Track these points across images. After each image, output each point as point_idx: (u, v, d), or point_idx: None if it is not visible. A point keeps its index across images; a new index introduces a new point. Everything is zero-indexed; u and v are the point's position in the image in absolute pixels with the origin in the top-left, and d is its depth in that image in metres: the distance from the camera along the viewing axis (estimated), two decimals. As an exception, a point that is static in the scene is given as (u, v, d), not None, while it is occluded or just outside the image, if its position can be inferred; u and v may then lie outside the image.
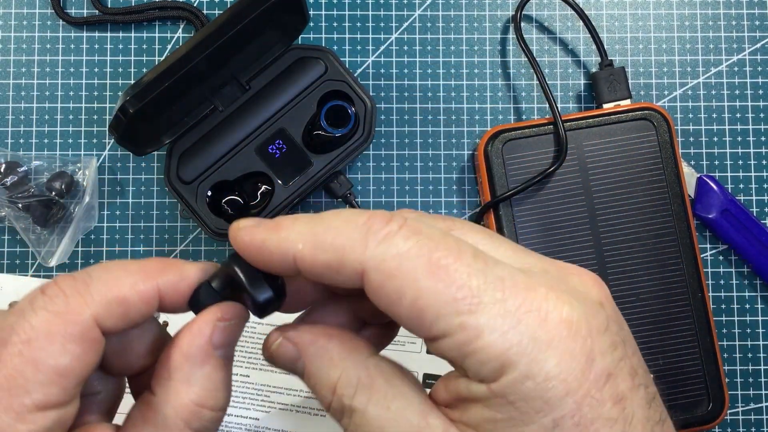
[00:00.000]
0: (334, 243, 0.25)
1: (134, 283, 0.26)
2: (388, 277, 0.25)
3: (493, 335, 0.24)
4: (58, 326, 0.25)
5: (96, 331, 0.26)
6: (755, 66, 0.49)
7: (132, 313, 0.27)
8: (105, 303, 0.26)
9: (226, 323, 0.27)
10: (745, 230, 0.47)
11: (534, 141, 0.46)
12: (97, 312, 0.26)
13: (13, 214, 0.45)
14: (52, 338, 0.25)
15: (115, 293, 0.26)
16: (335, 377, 0.27)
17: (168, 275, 0.27)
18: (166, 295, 0.27)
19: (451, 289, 0.24)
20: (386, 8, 0.49)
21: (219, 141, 0.44)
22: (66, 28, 0.48)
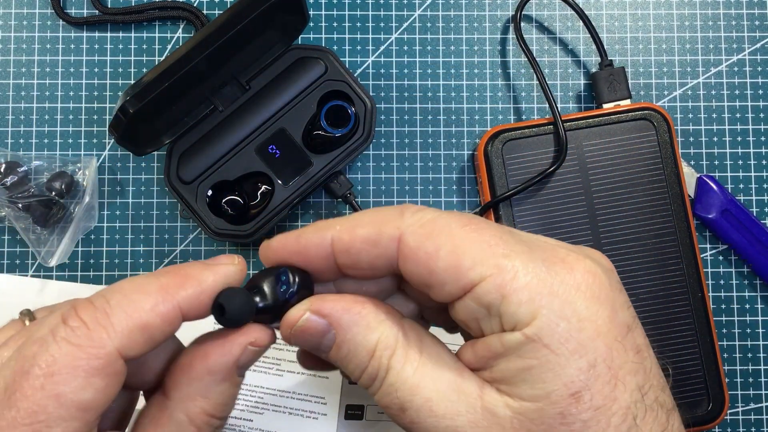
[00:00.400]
0: (372, 219, 0.27)
1: (154, 306, 0.26)
2: (426, 236, 0.26)
3: (528, 277, 0.26)
4: (81, 360, 0.25)
5: (119, 362, 0.25)
6: (755, 66, 0.49)
7: (156, 336, 0.26)
8: (128, 333, 0.25)
9: (256, 349, 0.27)
10: (745, 230, 0.47)
11: (534, 141, 0.46)
12: (121, 343, 0.25)
13: (13, 214, 0.45)
14: (75, 372, 0.25)
15: (137, 321, 0.25)
16: (374, 340, 0.27)
17: (188, 290, 0.26)
18: (188, 311, 0.27)
19: (484, 237, 0.26)
20: (386, 8, 0.49)
21: (219, 141, 0.44)
22: (66, 28, 0.48)
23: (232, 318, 0.27)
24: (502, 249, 0.26)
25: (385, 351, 0.27)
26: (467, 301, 0.26)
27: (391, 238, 0.27)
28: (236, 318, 0.27)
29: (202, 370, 0.27)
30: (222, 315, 0.26)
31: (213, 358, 0.27)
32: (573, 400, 0.25)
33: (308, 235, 0.28)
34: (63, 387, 0.24)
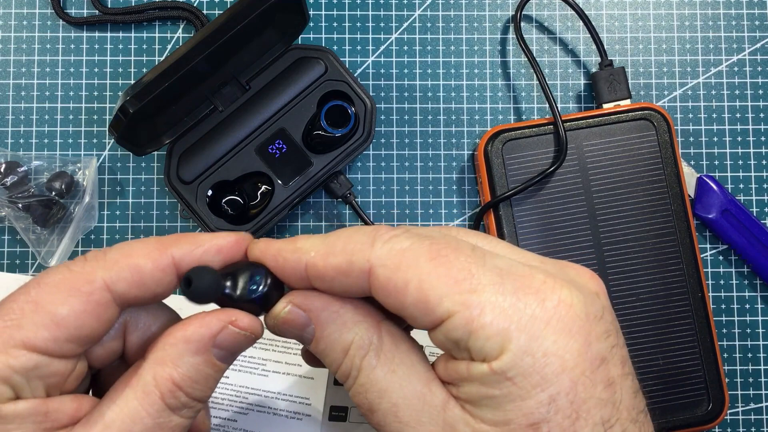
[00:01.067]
0: (344, 248, 0.27)
1: (149, 252, 0.28)
2: (394, 269, 0.26)
3: (495, 312, 0.25)
4: (69, 281, 0.27)
5: (105, 294, 0.27)
6: (755, 66, 0.49)
7: (148, 281, 0.28)
8: (118, 269, 0.28)
9: (237, 330, 0.28)
10: (745, 230, 0.47)
11: (534, 141, 0.46)
12: (110, 276, 0.27)
13: (13, 214, 0.45)
14: (59, 288, 0.27)
15: (129, 261, 0.28)
16: (349, 340, 0.28)
17: (182, 245, 0.29)
18: (182, 263, 0.28)
19: (452, 271, 0.26)
20: (386, 8, 0.49)
21: (219, 141, 0.44)
22: (66, 28, 0.48)
23: (196, 291, 0.27)
24: (469, 284, 0.26)
25: (358, 351, 0.28)
26: (437, 333, 0.27)
27: (361, 270, 0.27)
28: (200, 292, 0.28)
29: (178, 336, 0.28)
30: (188, 287, 0.27)
31: (191, 327, 0.28)
32: (531, 431, 0.25)
33: (285, 254, 0.28)
34: (44, 297, 0.27)
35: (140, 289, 0.28)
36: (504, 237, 0.45)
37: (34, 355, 0.27)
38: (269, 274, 0.29)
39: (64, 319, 0.27)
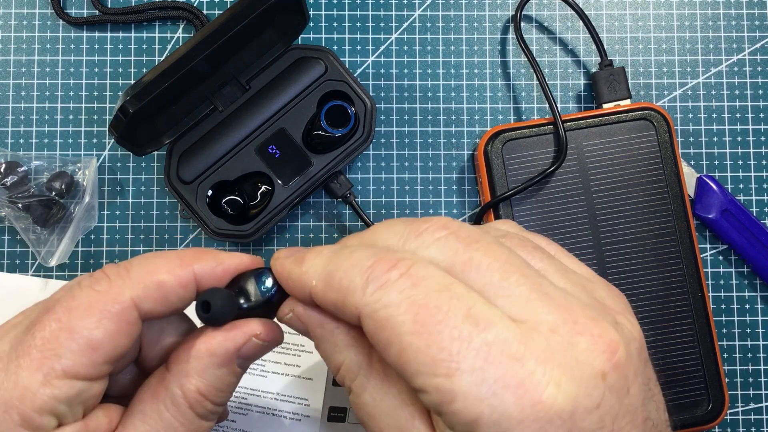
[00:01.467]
0: (340, 284, 0.27)
1: (171, 269, 0.28)
2: (378, 327, 0.26)
3: (466, 403, 0.24)
4: (99, 303, 0.27)
5: (133, 313, 0.28)
6: (755, 66, 0.49)
7: (170, 297, 0.28)
8: (144, 286, 0.28)
9: (259, 342, 0.29)
10: (745, 230, 0.47)
11: (534, 141, 0.46)
12: (137, 294, 0.28)
13: (13, 214, 0.45)
14: (90, 312, 0.27)
15: (153, 278, 0.28)
16: (340, 361, 0.28)
17: (204, 261, 0.29)
18: (203, 279, 0.29)
19: (431, 349, 0.25)
20: (386, 8, 0.49)
21: (219, 141, 0.44)
22: (66, 28, 0.48)
23: (216, 316, 0.28)
24: (447, 366, 0.24)
25: (347, 374, 0.28)
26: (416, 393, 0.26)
27: (352, 314, 0.27)
28: (220, 317, 0.28)
29: (204, 349, 0.28)
30: (206, 312, 0.28)
31: (217, 340, 0.28)
32: None
33: (293, 277, 0.28)
34: (77, 322, 0.27)
35: (164, 304, 0.28)
36: (504, 237, 0.45)
37: (77, 382, 0.27)
38: (274, 276, 0.30)
39: (100, 342, 0.27)
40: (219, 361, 0.28)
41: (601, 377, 0.25)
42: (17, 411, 0.26)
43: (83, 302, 0.27)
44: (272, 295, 0.29)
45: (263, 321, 0.29)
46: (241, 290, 0.29)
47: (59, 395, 0.26)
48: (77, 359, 0.27)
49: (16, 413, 0.26)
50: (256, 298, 0.29)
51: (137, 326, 0.28)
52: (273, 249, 0.47)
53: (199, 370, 0.28)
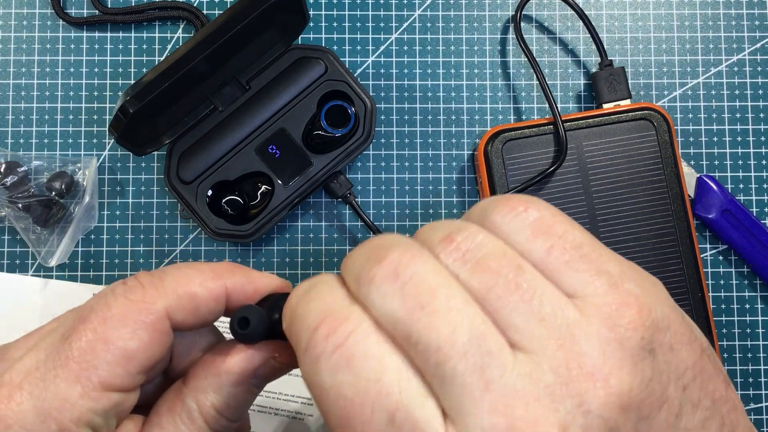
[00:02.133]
0: (294, 337, 0.24)
1: (204, 281, 0.28)
2: (314, 397, 0.23)
3: None
4: (133, 312, 0.27)
5: (166, 323, 0.28)
6: (755, 66, 0.49)
7: (202, 309, 0.28)
8: (177, 297, 0.28)
9: (276, 365, 0.29)
10: (745, 230, 0.47)
11: (534, 141, 0.46)
12: (170, 305, 0.28)
13: (13, 214, 0.45)
14: (125, 322, 0.27)
15: (187, 289, 0.28)
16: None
17: (236, 277, 0.29)
18: (234, 294, 0.29)
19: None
20: (386, 8, 0.49)
21: (219, 141, 0.44)
22: (66, 28, 0.48)
23: (252, 333, 0.28)
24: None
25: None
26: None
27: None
28: (255, 335, 0.28)
29: (221, 366, 0.28)
30: (243, 329, 0.28)
31: (234, 359, 0.28)
32: None
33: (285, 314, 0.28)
34: (112, 333, 0.27)
35: (195, 316, 0.28)
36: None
37: (114, 394, 0.27)
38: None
39: (135, 353, 0.27)
40: (235, 380, 0.28)
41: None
42: (56, 422, 0.26)
43: (118, 312, 0.27)
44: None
45: (282, 344, 0.29)
46: (275, 310, 0.29)
47: (96, 407, 0.26)
48: (113, 370, 0.27)
49: (54, 423, 0.26)
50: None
51: (170, 336, 0.28)
52: (273, 249, 0.47)
53: (216, 386, 0.28)
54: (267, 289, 0.30)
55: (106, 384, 0.26)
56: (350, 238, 0.48)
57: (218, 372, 0.28)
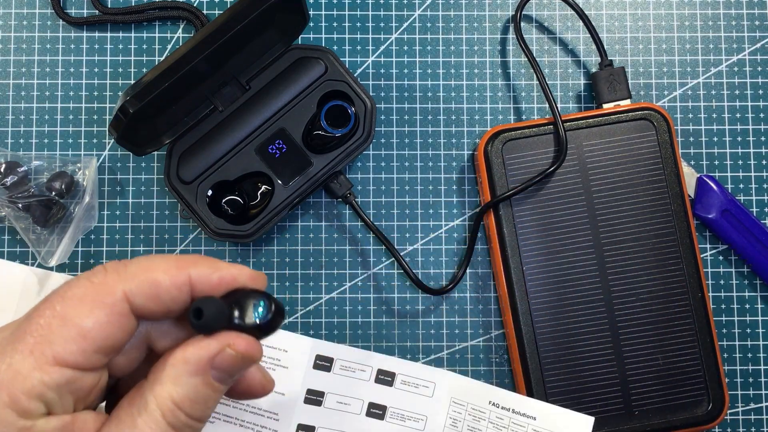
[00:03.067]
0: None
1: (168, 269, 0.29)
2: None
3: None
4: (91, 293, 0.28)
5: (125, 306, 0.28)
6: (755, 66, 0.49)
7: (163, 296, 0.29)
8: (138, 282, 0.28)
9: (234, 353, 0.29)
10: (745, 230, 0.47)
11: (534, 141, 0.46)
12: (129, 288, 0.28)
13: (13, 214, 0.45)
14: (83, 301, 0.28)
15: (148, 275, 0.29)
16: None
17: (201, 267, 0.29)
18: (198, 284, 0.29)
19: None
20: (386, 8, 0.49)
21: (219, 141, 0.44)
22: (66, 28, 0.48)
23: (206, 323, 0.28)
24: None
25: None
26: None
27: None
28: (209, 324, 0.28)
29: (178, 357, 0.29)
30: (198, 319, 0.28)
31: (191, 349, 0.29)
32: None
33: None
34: (70, 310, 0.28)
35: (155, 303, 0.29)
36: (504, 237, 0.45)
37: (66, 370, 0.27)
38: (273, 300, 0.30)
39: (90, 331, 0.28)
40: (192, 369, 0.28)
41: None
42: (7, 392, 0.27)
43: (78, 292, 0.28)
44: (265, 322, 0.29)
45: (242, 335, 0.29)
46: (237, 305, 0.29)
47: (49, 381, 0.27)
48: (68, 347, 0.27)
49: (5, 394, 0.27)
50: (249, 320, 0.29)
51: (131, 320, 0.29)
52: (273, 249, 0.47)
53: (173, 377, 0.28)
54: (233, 279, 0.30)
55: (59, 359, 0.27)
56: (350, 238, 0.48)
57: (174, 362, 0.28)
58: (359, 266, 0.47)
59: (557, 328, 0.45)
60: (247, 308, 0.29)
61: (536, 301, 0.45)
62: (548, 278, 0.45)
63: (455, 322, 0.47)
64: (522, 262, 0.45)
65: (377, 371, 0.45)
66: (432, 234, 0.48)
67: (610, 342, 0.45)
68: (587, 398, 0.44)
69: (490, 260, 0.47)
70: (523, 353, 0.45)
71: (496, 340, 0.47)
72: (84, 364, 0.28)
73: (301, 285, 0.47)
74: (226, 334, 0.29)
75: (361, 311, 0.47)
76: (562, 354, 0.45)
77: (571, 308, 0.45)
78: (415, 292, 0.47)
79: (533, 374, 0.44)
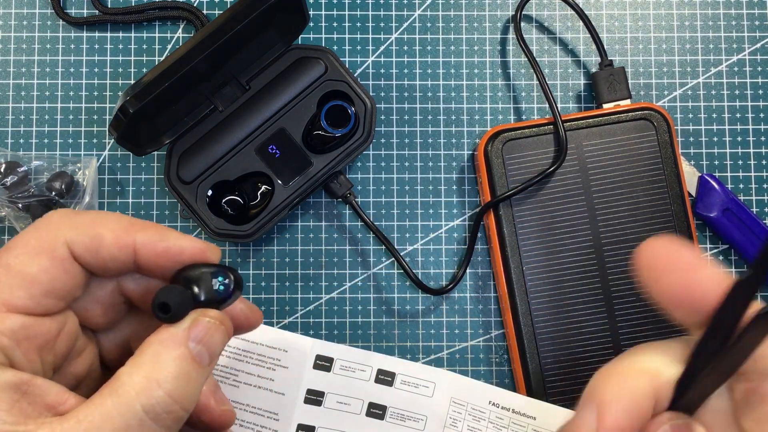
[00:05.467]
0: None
1: (115, 228, 0.29)
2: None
3: None
4: (34, 241, 0.29)
5: (64, 250, 0.29)
6: (755, 66, 0.49)
7: (103, 252, 0.29)
8: (79, 232, 0.29)
9: (207, 319, 0.29)
10: (746, 229, 0.47)
11: (534, 141, 0.46)
12: (71, 237, 0.29)
13: (13, 214, 0.45)
14: (26, 249, 0.29)
15: (93, 228, 0.29)
16: None
17: (149, 233, 0.30)
18: (143, 249, 0.29)
19: None
20: (386, 8, 0.49)
21: (219, 141, 0.44)
22: (66, 28, 0.48)
23: (175, 315, 0.28)
24: None
25: None
26: None
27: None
28: (178, 315, 0.28)
29: (154, 339, 0.28)
30: (166, 313, 0.28)
31: (165, 330, 0.29)
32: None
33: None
34: (13, 259, 0.28)
35: (94, 257, 0.29)
36: (504, 237, 0.45)
37: (17, 316, 0.28)
38: (230, 272, 0.30)
39: (35, 276, 0.28)
40: (170, 344, 0.28)
41: None
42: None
43: (22, 241, 0.29)
44: (228, 295, 0.29)
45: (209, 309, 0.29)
46: (196, 284, 0.29)
47: (2, 328, 0.27)
48: (15, 293, 0.28)
49: None
50: (210, 295, 0.29)
51: (75, 266, 0.29)
52: (273, 249, 0.47)
53: (151, 355, 0.28)
54: (179, 251, 0.30)
55: (9, 305, 0.28)
56: (350, 238, 0.48)
57: (151, 343, 0.28)
58: (359, 266, 0.47)
59: (557, 328, 0.45)
60: (207, 285, 0.29)
61: (536, 301, 0.45)
62: (548, 278, 0.45)
63: (455, 322, 0.47)
64: (522, 262, 0.45)
65: (377, 371, 0.45)
66: (432, 234, 0.48)
67: (610, 342, 0.45)
68: (587, 398, 0.44)
69: (490, 260, 0.47)
70: (523, 353, 0.45)
71: (496, 340, 0.47)
72: (35, 309, 0.28)
73: (301, 285, 0.47)
74: (194, 311, 0.29)
75: (361, 311, 0.47)
76: (562, 354, 0.45)
77: (571, 308, 0.45)
78: (415, 292, 0.47)
79: (533, 374, 0.44)
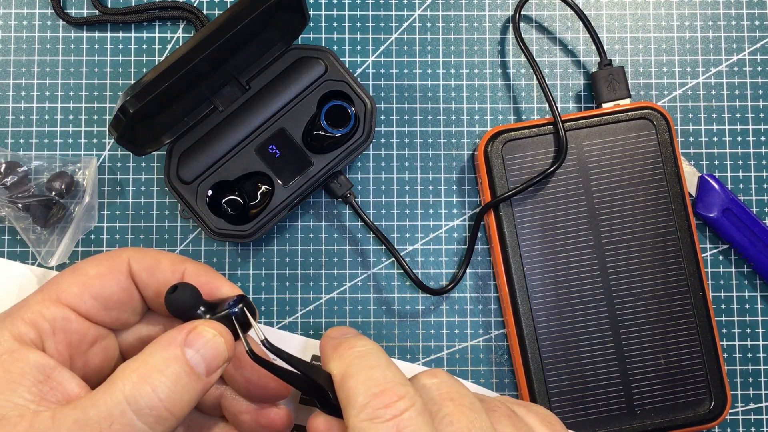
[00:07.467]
0: (348, 392, 0.29)
1: (171, 257, 0.36)
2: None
3: None
4: (103, 255, 0.35)
5: (124, 265, 0.34)
6: (755, 66, 0.49)
7: (158, 274, 0.35)
8: (143, 255, 0.35)
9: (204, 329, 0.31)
10: (747, 229, 0.47)
11: (534, 141, 0.46)
12: (133, 255, 0.35)
13: (13, 214, 0.45)
14: (95, 259, 0.35)
15: (155, 254, 0.35)
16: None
17: (198, 266, 0.36)
18: (189, 276, 0.35)
19: None
20: (386, 8, 0.49)
21: (219, 141, 0.44)
22: (66, 28, 0.48)
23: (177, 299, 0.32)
24: None
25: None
26: None
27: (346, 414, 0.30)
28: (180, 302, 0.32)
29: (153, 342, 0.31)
30: (170, 293, 0.32)
31: (164, 334, 0.31)
32: None
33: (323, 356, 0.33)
34: (82, 264, 0.34)
35: (149, 276, 0.34)
36: (504, 237, 0.45)
37: (63, 308, 0.32)
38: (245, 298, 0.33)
39: (91, 278, 0.33)
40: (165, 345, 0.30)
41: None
42: (11, 316, 0.31)
43: (97, 254, 0.34)
44: (234, 312, 0.32)
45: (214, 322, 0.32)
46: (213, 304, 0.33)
47: (45, 313, 0.31)
48: (70, 288, 0.32)
49: (10, 317, 0.31)
50: (220, 309, 0.33)
51: (128, 278, 0.34)
52: (273, 249, 0.47)
53: (146, 354, 0.29)
54: (218, 287, 0.35)
55: (61, 298, 0.32)
56: (350, 238, 0.48)
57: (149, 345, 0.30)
58: (359, 266, 0.47)
59: (558, 328, 0.45)
60: (222, 303, 0.33)
61: (537, 301, 0.45)
62: (549, 278, 0.45)
63: (455, 322, 0.47)
64: (522, 262, 0.45)
65: None
66: (432, 234, 0.48)
67: (611, 341, 0.45)
68: (589, 398, 0.44)
69: (491, 260, 0.47)
70: (524, 353, 0.45)
71: (497, 340, 0.47)
72: (79, 306, 0.32)
73: (301, 285, 0.47)
74: (198, 320, 0.31)
75: (361, 311, 0.47)
76: (563, 353, 0.45)
77: (572, 308, 0.45)
78: (415, 292, 0.47)
79: (535, 374, 0.44)
